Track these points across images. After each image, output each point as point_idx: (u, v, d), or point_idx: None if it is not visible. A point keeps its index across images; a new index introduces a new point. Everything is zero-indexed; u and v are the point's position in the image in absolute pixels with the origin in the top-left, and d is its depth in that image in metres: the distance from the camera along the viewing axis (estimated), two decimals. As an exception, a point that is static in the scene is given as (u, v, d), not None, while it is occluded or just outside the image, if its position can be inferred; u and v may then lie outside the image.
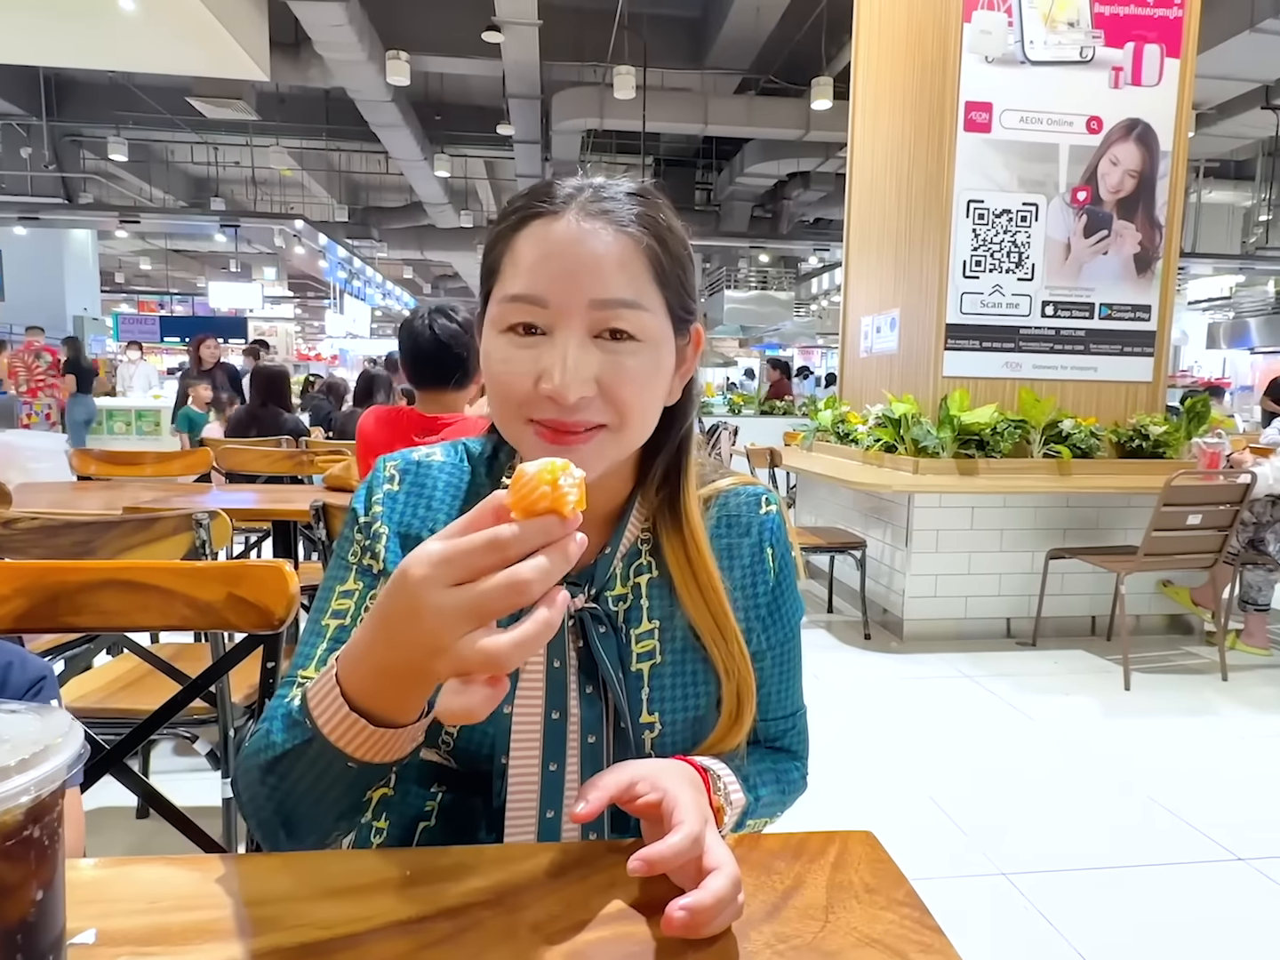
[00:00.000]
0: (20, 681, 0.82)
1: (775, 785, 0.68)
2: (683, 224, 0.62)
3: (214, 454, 2.81)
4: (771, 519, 0.70)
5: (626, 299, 0.56)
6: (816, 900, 0.49)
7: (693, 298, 0.62)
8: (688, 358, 0.64)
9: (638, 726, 0.63)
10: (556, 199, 0.57)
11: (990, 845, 1.93)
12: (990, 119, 3.46)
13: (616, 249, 0.56)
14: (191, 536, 1.41)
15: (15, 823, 0.34)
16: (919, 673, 3.15)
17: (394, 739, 0.48)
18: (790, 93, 9.50)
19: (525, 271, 0.56)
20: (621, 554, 0.65)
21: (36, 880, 0.35)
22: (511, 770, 0.61)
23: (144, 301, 18.63)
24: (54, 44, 6.98)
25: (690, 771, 0.56)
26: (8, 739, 0.36)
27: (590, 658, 0.62)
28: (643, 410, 0.58)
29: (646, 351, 0.57)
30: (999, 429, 3.45)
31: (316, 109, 11.00)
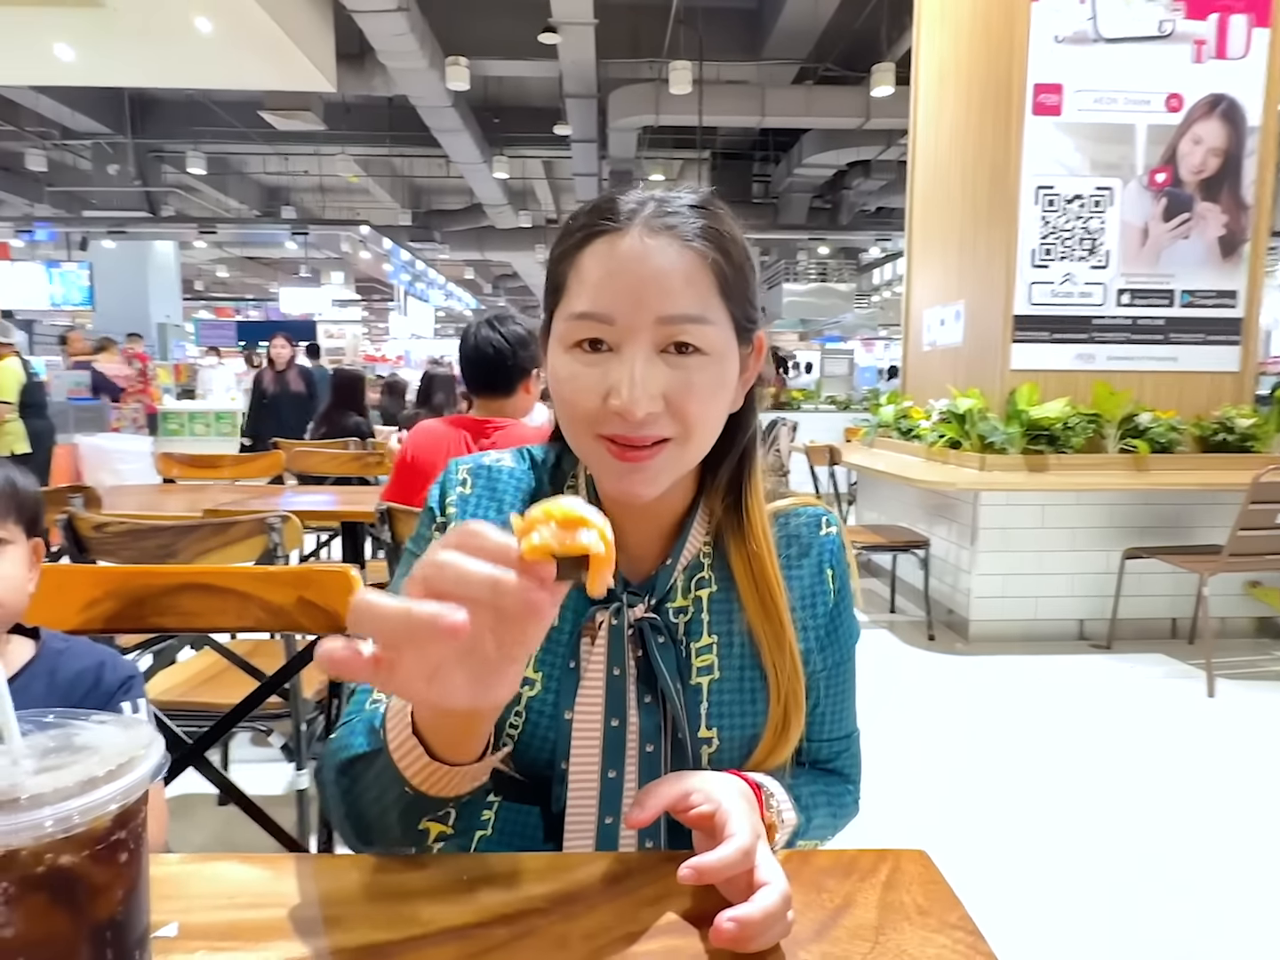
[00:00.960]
0: (112, 680, 0.87)
1: (828, 808, 0.68)
2: (742, 231, 0.62)
3: (286, 457, 2.92)
4: (832, 540, 0.70)
5: (693, 314, 0.56)
6: (867, 920, 0.49)
7: (755, 306, 0.62)
8: (750, 366, 0.64)
9: (695, 740, 0.63)
10: (620, 215, 0.57)
11: (1057, 858, 1.87)
12: (1060, 101, 3.32)
13: (682, 264, 0.56)
14: (265, 539, 1.47)
15: (104, 828, 0.36)
16: (985, 675, 3.07)
17: (448, 775, 0.49)
18: (850, 80, 9.30)
19: (591, 289, 0.57)
20: (683, 565, 0.65)
21: (123, 881, 0.38)
22: (572, 776, 0.61)
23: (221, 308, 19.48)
24: (138, 65, 7.36)
25: (744, 787, 0.56)
26: (98, 750, 0.38)
27: (649, 668, 0.62)
28: (707, 422, 0.59)
29: (712, 365, 0.58)
30: (1071, 424, 3.32)
31: (380, 117, 11.29)
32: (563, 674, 0.63)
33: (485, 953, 0.46)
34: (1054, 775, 2.28)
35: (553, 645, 0.64)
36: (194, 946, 0.47)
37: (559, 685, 0.63)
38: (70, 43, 6.70)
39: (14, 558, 0.80)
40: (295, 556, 2.27)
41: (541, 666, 0.63)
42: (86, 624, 1.03)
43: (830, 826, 0.69)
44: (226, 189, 13.92)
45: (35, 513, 0.85)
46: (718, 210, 0.60)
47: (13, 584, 0.80)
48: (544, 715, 0.63)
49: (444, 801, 0.51)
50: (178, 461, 2.77)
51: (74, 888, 0.36)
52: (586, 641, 0.63)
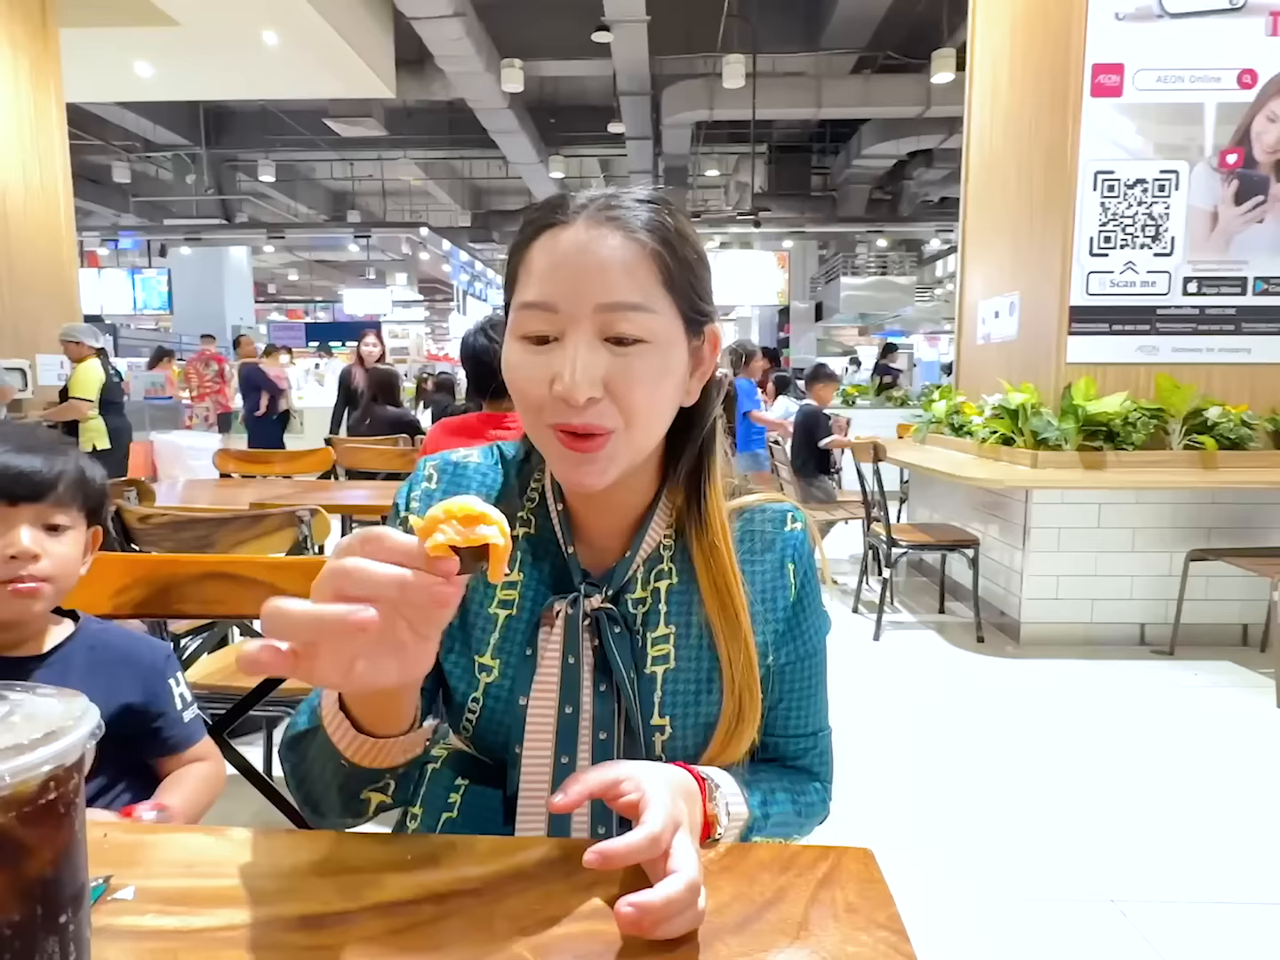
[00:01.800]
0: (157, 658, 0.93)
1: (790, 805, 0.67)
2: (693, 228, 0.63)
3: (336, 453, 3.02)
4: (795, 536, 0.70)
5: (633, 301, 0.57)
6: (793, 915, 0.48)
7: (705, 300, 0.63)
8: (705, 358, 0.64)
9: (648, 728, 0.64)
10: (568, 210, 0.59)
11: (1103, 870, 1.79)
12: (1121, 81, 3.17)
13: (622, 254, 0.57)
14: (296, 531, 1.53)
15: (31, 792, 0.39)
16: (1037, 679, 2.96)
17: (377, 748, 0.53)
18: (910, 68, 9.07)
19: (537, 279, 0.58)
20: (644, 557, 0.66)
21: (52, 844, 0.40)
22: (525, 760, 0.63)
23: (292, 309, 20.22)
24: (211, 79, 7.71)
25: (683, 778, 0.57)
26: (36, 719, 0.41)
27: (605, 657, 0.64)
28: (650, 410, 0.60)
29: (654, 354, 0.58)
30: (1131, 419, 3.17)
31: (440, 120, 11.55)
32: (519, 661, 0.65)
33: (408, 929, 0.47)
34: (1109, 787, 2.19)
35: (510, 633, 0.66)
36: (145, 909, 0.50)
37: (515, 672, 0.65)
38: (149, 60, 7.06)
39: (72, 541, 0.86)
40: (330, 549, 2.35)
41: (499, 654, 0.65)
42: (117, 609, 1.10)
43: (795, 824, 0.68)
44: (296, 195, 14.45)
45: (99, 503, 0.90)
46: (666, 206, 0.61)
47: (67, 565, 0.85)
48: (500, 700, 0.65)
49: (380, 773, 0.55)
50: (234, 457, 2.91)
51: (1, 847, 0.38)
52: (545, 630, 0.64)
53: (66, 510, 0.85)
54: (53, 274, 4.88)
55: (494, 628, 0.66)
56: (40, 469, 0.82)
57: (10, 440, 0.83)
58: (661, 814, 0.49)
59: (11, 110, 4.58)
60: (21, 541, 0.80)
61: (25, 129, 4.68)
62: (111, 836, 0.58)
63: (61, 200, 4.96)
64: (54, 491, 0.83)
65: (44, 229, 4.81)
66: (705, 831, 0.56)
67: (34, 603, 0.81)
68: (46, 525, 0.83)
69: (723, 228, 12.12)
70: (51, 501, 0.83)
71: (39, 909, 0.40)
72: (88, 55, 6.30)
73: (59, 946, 0.41)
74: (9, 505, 0.81)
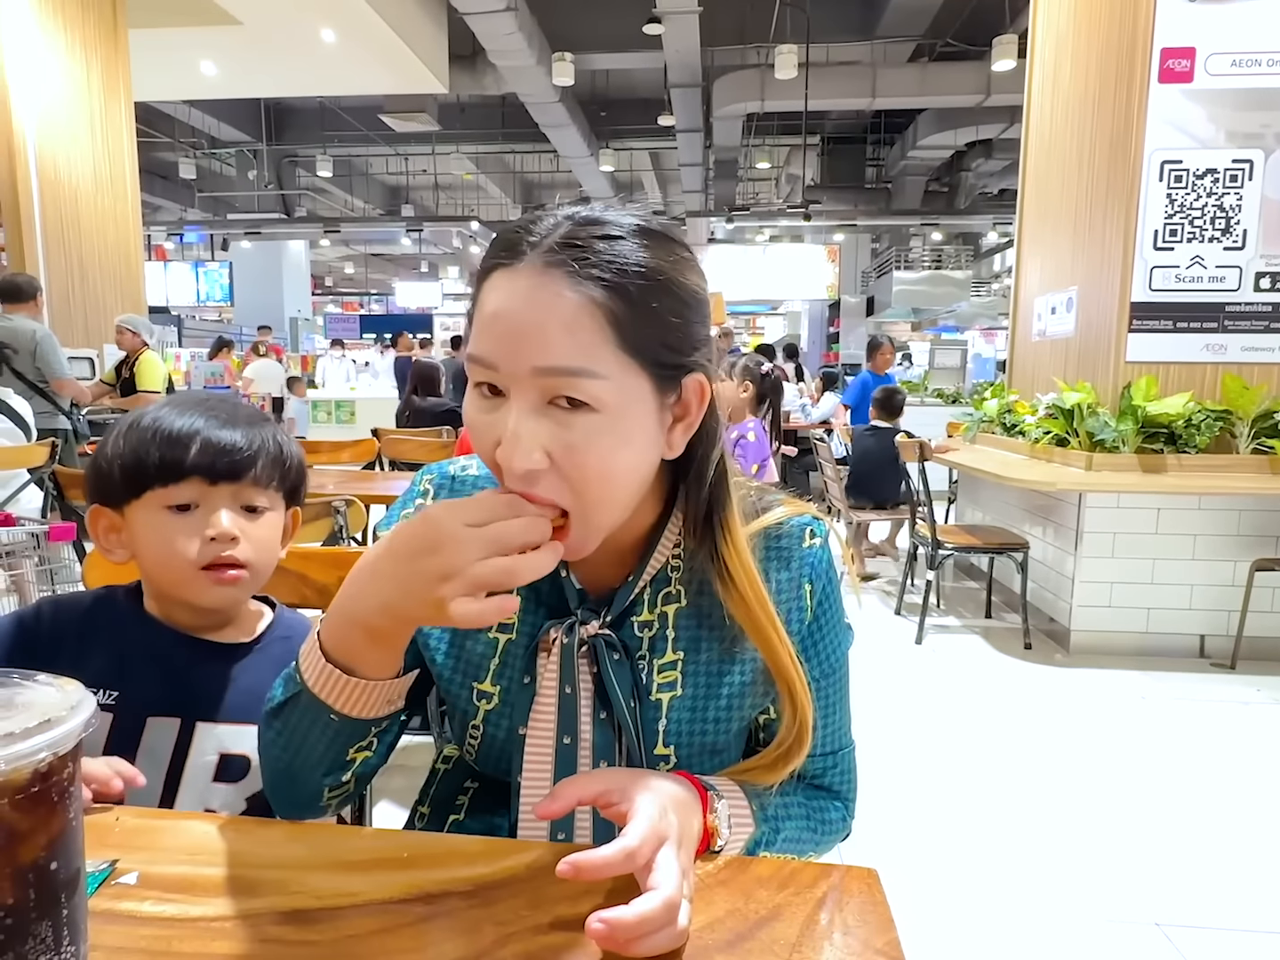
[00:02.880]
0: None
1: (805, 822, 0.65)
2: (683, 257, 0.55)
3: (380, 443, 3.08)
4: (813, 553, 0.65)
5: (572, 367, 0.50)
6: (786, 935, 0.47)
7: (683, 351, 0.55)
8: (690, 410, 0.57)
9: (651, 759, 0.62)
10: (521, 246, 0.52)
11: (1149, 892, 1.72)
12: (1192, 66, 3.02)
13: (564, 310, 0.50)
14: (331, 521, 1.56)
15: (24, 780, 0.40)
16: (1088, 689, 2.86)
17: (367, 692, 0.54)
18: (970, 56, 8.81)
19: (481, 331, 0.53)
20: (649, 578, 0.63)
21: (46, 829, 0.41)
22: (524, 790, 0.61)
23: (348, 302, 20.69)
24: (272, 77, 7.92)
25: (681, 790, 0.55)
26: (33, 708, 0.42)
27: (604, 684, 0.61)
28: (605, 482, 0.53)
29: (604, 422, 0.51)
30: (1194, 420, 3.03)
31: (493, 115, 11.65)
32: (518, 689, 0.63)
33: (397, 928, 0.47)
34: (1160, 806, 2.10)
35: (509, 660, 0.64)
36: (145, 895, 0.51)
37: (515, 699, 0.63)
38: (213, 59, 7.28)
39: (271, 524, 0.80)
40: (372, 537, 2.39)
41: (499, 680, 0.64)
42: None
43: (810, 842, 0.65)
44: (352, 189, 14.76)
45: (298, 483, 0.84)
46: (641, 240, 0.52)
47: (266, 549, 0.79)
48: (500, 729, 0.63)
49: (366, 727, 0.56)
50: (282, 446, 2.99)
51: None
52: (543, 657, 0.62)
53: (264, 490, 0.79)
54: (120, 266, 5.07)
55: (494, 653, 0.64)
56: (240, 444, 0.76)
57: (215, 412, 0.77)
58: (642, 828, 0.47)
59: (83, 109, 4.77)
60: (221, 523, 0.74)
61: (96, 127, 4.87)
62: (122, 820, 0.59)
63: (129, 195, 5.15)
64: (253, 470, 0.77)
65: (113, 223, 5.00)
66: (704, 843, 0.55)
67: (233, 591, 0.78)
68: (245, 506, 0.78)
69: (772, 221, 11.98)
70: (250, 480, 0.77)
71: (32, 894, 0.41)
72: (156, 55, 6.52)
73: (52, 931, 0.42)
74: (209, 484, 0.75)
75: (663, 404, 0.55)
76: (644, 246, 0.52)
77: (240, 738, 0.76)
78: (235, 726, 0.76)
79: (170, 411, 0.77)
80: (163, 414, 0.76)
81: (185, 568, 0.75)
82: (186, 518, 0.75)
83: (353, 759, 0.59)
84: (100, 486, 0.78)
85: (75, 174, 4.71)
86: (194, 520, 0.76)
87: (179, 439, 0.75)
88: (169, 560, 0.75)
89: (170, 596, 0.79)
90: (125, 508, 0.77)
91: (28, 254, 4.37)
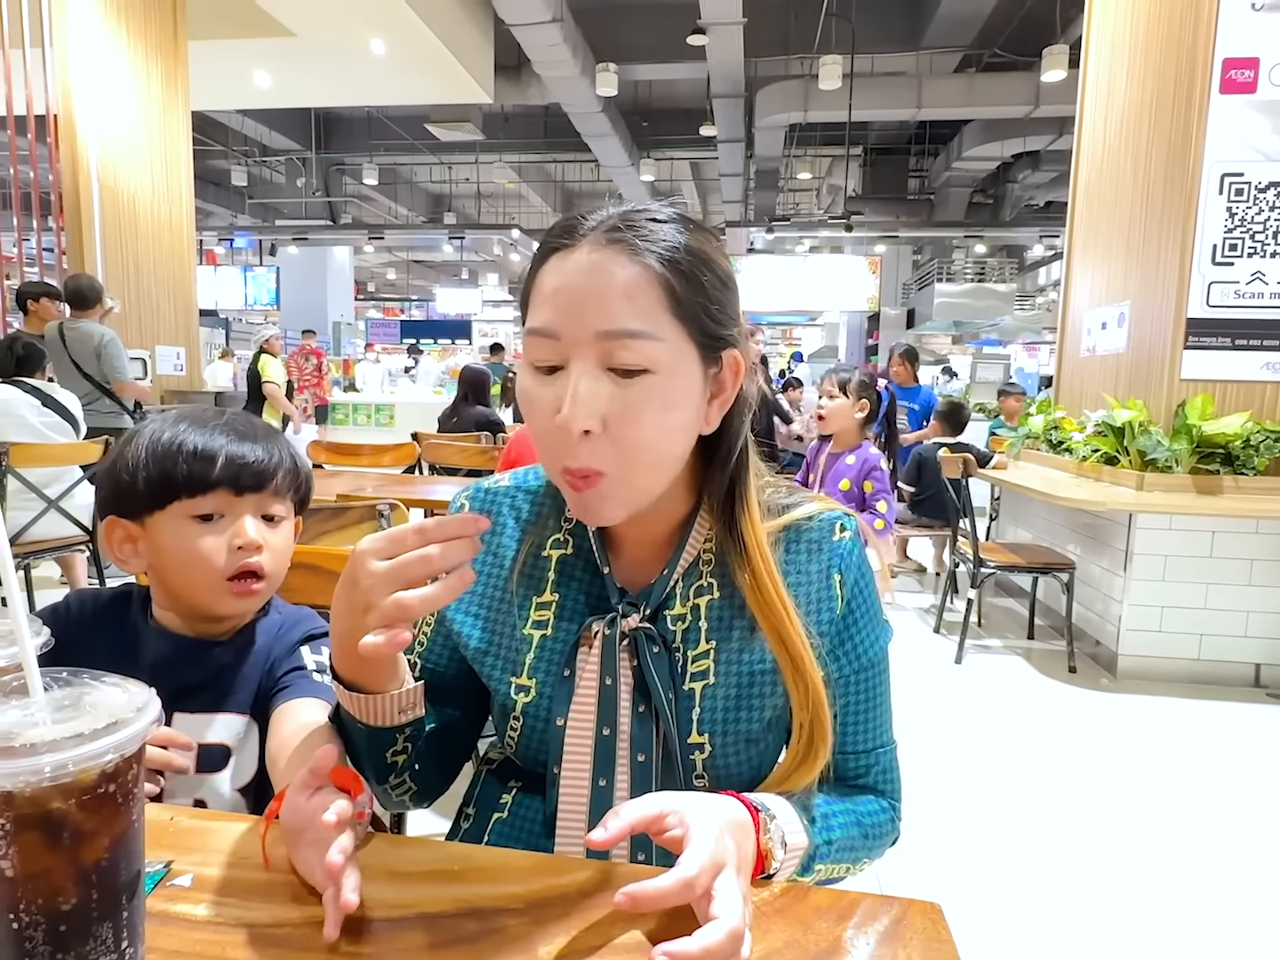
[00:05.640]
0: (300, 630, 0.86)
1: (856, 828, 0.64)
2: (717, 246, 0.60)
3: (421, 448, 3.11)
4: (843, 545, 0.66)
5: (633, 329, 0.54)
6: (849, 971, 0.45)
7: (724, 323, 0.59)
8: (726, 385, 0.61)
9: (686, 747, 0.63)
10: (578, 231, 0.57)
11: (1195, 932, 1.65)
12: (1256, 76, 2.93)
13: (624, 278, 0.55)
14: (375, 525, 1.57)
15: (91, 781, 0.40)
16: (1134, 717, 2.77)
17: (373, 705, 0.58)
18: (1018, 66, 8.69)
19: (541, 305, 0.57)
20: (682, 571, 0.65)
21: (109, 830, 0.41)
22: (563, 781, 0.63)
23: (389, 307, 21.04)
24: (323, 86, 8.10)
25: (734, 810, 0.54)
26: (101, 708, 0.42)
27: (644, 677, 0.63)
28: (653, 446, 0.57)
29: (658, 384, 0.56)
30: (1253, 441, 2.93)
31: (535, 124, 11.79)
32: (557, 682, 0.64)
33: (449, 943, 0.47)
34: (1210, 840, 2.02)
35: (545, 654, 0.66)
36: (200, 898, 0.51)
37: (553, 692, 0.65)
38: (267, 69, 7.47)
39: (286, 532, 0.83)
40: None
41: (535, 674, 0.66)
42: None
43: (862, 849, 0.64)
44: (397, 197, 15.02)
45: (307, 492, 0.87)
46: (684, 223, 0.58)
47: (282, 558, 0.82)
48: (539, 720, 0.65)
49: (392, 735, 0.60)
50: (325, 449, 3.03)
51: (62, 831, 0.39)
52: (584, 650, 0.64)
53: (282, 500, 0.82)
54: (174, 270, 5.22)
55: (529, 648, 0.66)
56: (262, 458, 0.79)
57: (233, 429, 0.79)
58: (701, 855, 0.46)
59: (144, 118, 4.92)
60: (248, 532, 0.77)
61: (155, 135, 5.02)
62: (177, 821, 0.59)
63: (184, 202, 5.29)
64: (274, 481, 0.80)
65: (167, 228, 5.15)
66: (758, 866, 0.54)
67: (252, 602, 0.80)
68: (265, 516, 0.80)
69: (813, 231, 11.91)
70: (270, 491, 0.80)
71: (94, 894, 0.41)
72: (212, 66, 6.72)
73: (112, 932, 0.42)
74: (235, 495, 0.77)
75: (706, 375, 0.59)
76: (686, 230, 0.58)
77: (215, 727, 0.78)
78: (208, 715, 0.78)
79: (188, 428, 0.78)
80: (180, 429, 0.77)
81: (211, 575, 0.77)
82: (211, 527, 0.77)
83: (395, 762, 0.63)
84: (119, 499, 0.78)
85: (134, 181, 4.86)
86: (218, 529, 0.77)
87: (205, 453, 0.76)
88: (195, 567, 0.76)
89: (188, 604, 0.80)
90: (146, 519, 0.78)
91: (87, 258, 4.52)
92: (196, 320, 5.49)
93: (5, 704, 0.42)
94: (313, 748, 0.63)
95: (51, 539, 2.86)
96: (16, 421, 2.95)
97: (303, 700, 0.74)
